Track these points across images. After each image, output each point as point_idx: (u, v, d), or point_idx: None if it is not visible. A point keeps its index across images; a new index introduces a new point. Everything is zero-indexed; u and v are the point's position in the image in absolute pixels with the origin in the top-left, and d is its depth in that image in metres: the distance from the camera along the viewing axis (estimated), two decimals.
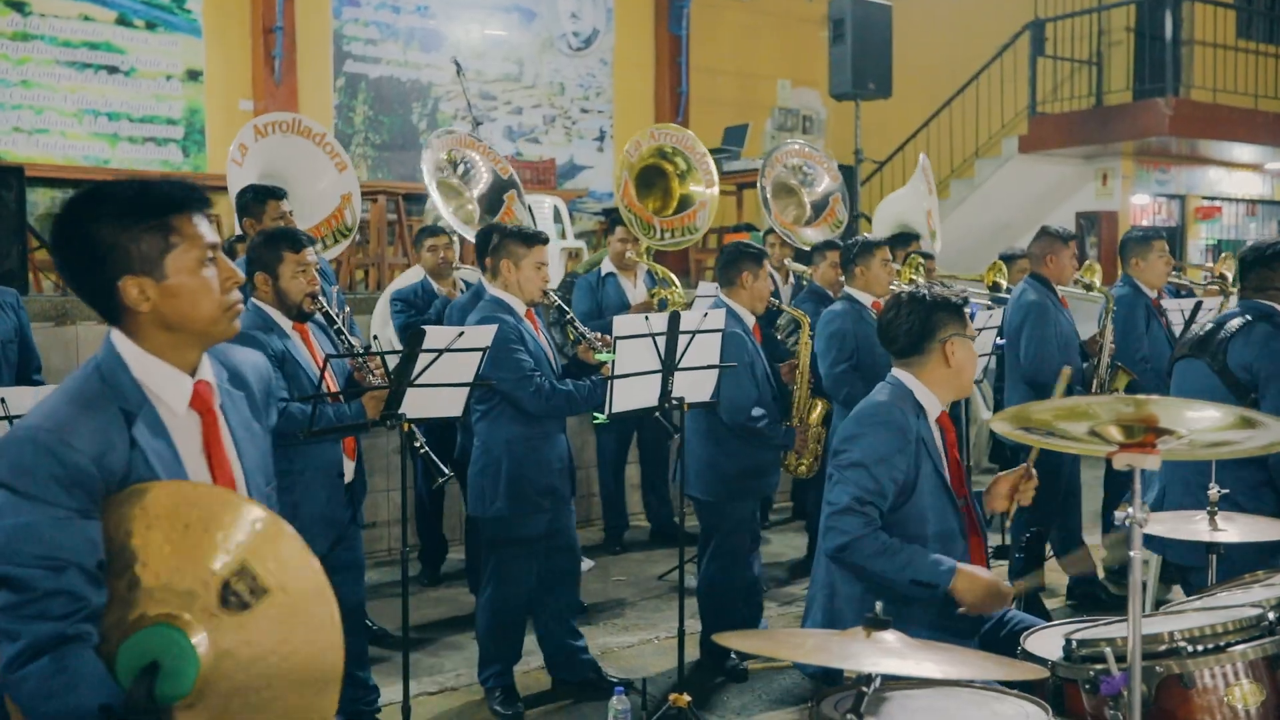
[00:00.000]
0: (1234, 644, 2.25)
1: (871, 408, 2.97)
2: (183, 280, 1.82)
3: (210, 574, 1.74)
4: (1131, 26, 11.63)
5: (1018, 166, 11.21)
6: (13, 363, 4.28)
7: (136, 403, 1.81)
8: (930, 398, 2.98)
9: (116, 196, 1.83)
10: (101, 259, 1.80)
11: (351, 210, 6.03)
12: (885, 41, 9.39)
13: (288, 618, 1.76)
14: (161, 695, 1.69)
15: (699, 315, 3.95)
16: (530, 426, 4.03)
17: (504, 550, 4.10)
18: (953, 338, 2.97)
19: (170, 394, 1.86)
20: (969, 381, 3.04)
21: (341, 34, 9.04)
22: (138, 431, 1.79)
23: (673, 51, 10.65)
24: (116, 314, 1.85)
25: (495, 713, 4.08)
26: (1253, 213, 13.17)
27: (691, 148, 6.46)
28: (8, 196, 5.67)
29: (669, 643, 4.56)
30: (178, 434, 1.86)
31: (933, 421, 2.98)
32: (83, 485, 1.71)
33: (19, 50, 7.57)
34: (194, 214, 1.85)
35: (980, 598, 2.77)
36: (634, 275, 6.10)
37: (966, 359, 3.00)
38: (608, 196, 10.09)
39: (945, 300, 3.01)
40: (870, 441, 2.88)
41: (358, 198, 6.12)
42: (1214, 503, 2.90)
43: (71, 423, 1.74)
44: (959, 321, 2.99)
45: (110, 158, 7.84)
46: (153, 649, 1.71)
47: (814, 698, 2.27)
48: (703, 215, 6.44)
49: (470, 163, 6.21)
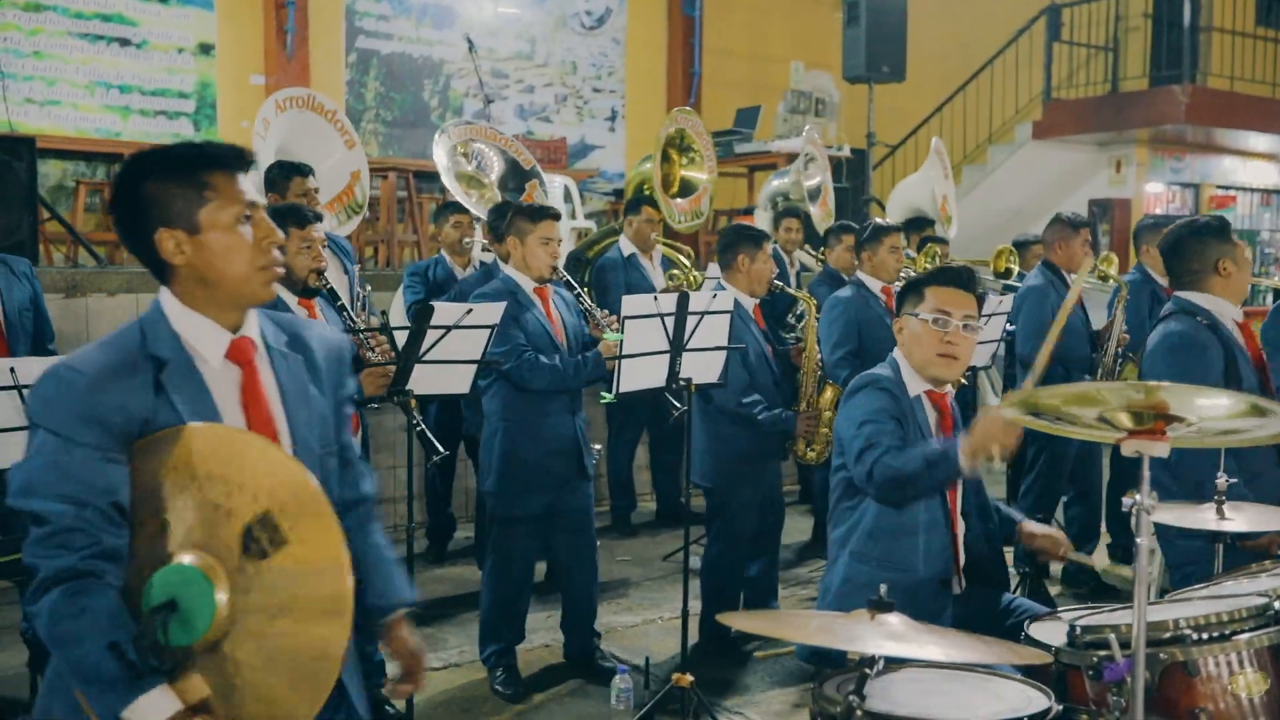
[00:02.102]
0: (1239, 632, 2.25)
1: (863, 377, 3.07)
2: (217, 235, 1.86)
3: (233, 517, 1.76)
4: (1149, 12, 11.54)
5: (1031, 152, 11.15)
6: (29, 331, 4.31)
7: (171, 352, 1.86)
8: (910, 374, 3.05)
9: (164, 154, 1.91)
10: (144, 212, 1.87)
11: (361, 187, 6.05)
12: (900, 24, 9.34)
13: (304, 573, 1.77)
14: (174, 636, 1.72)
15: (707, 296, 3.94)
16: (528, 404, 4.00)
17: (501, 527, 4.11)
18: (903, 315, 3.07)
19: (206, 346, 1.90)
20: (922, 362, 3.00)
21: (354, 9, 9.01)
22: (166, 378, 1.84)
23: (685, 32, 10.60)
24: (161, 269, 1.90)
25: (497, 692, 4.09)
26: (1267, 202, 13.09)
27: (700, 133, 6.52)
28: (19, 167, 5.67)
29: (673, 623, 4.57)
30: (214, 384, 1.89)
31: (918, 399, 3.03)
32: (101, 423, 1.76)
33: (31, 21, 7.56)
34: (234, 172, 1.90)
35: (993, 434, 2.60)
36: (651, 257, 6.11)
37: (910, 337, 3.03)
38: (618, 177, 10.06)
39: (909, 283, 3.12)
40: (862, 406, 2.97)
41: (366, 174, 6.14)
42: (1221, 492, 2.88)
43: (96, 363, 1.81)
44: (911, 299, 3.06)
45: (121, 130, 7.83)
46: (173, 587, 1.75)
47: (817, 679, 2.28)
48: (706, 200, 6.64)
49: (481, 154, 6.28)
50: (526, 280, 4.06)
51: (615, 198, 9.31)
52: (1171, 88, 10.43)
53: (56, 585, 1.71)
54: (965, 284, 3.04)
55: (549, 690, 4.17)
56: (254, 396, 1.92)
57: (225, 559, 1.76)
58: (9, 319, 4.26)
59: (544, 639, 4.49)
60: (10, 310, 4.27)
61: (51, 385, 1.78)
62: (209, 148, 1.92)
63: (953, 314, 2.98)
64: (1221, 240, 3.46)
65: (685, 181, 6.69)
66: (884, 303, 5.03)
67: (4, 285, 4.30)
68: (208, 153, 1.90)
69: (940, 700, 2.17)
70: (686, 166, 6.63)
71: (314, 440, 1.97)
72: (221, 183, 1.88)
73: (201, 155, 1.89)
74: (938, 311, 2.98)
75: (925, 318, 2.99)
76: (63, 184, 7.46)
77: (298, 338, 2.03)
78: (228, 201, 1.88)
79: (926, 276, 3.11)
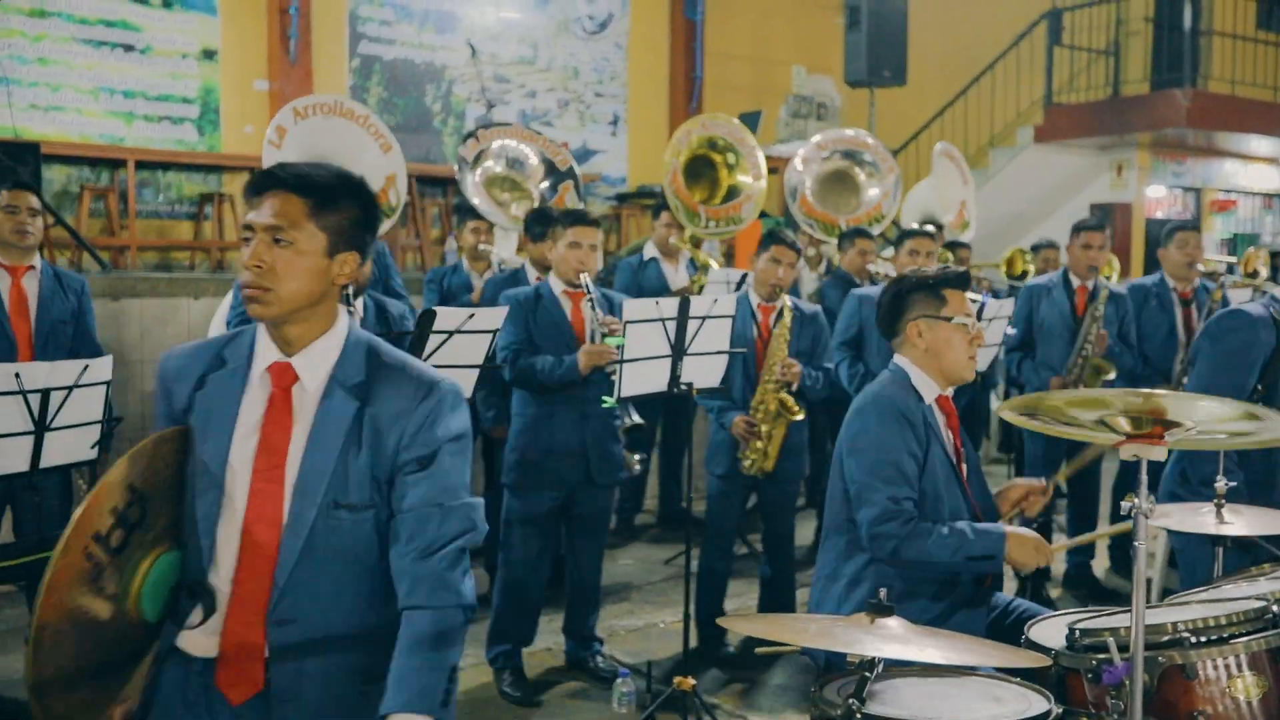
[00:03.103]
0: (1237, 636, 2.26)
1: (867, 398, 2.95)
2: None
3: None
4: (1150, 16, 11.55)
5: (1032, 156, 11.15)
6: (63, 346, 4.22)
7: (238, 357, 1.96)
8: (924, 380, 2.93)
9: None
10: None
11: (396, 191, 5.97)
12: (901, 29, 9.35)
13: None
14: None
15: (709, 300, 3.95)
16: (538, 406, 4.09)
17: (511, 529, 4.15)
18: (919, 319, 2.92)
19: (261, 357, 1.97)
20: (954, 365, 2.92)
21: (356, 15, 9.03)
22: (214, 376, 1.95)
23: (688, 36, 10.62)
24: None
25: (505, 694, 4.11)
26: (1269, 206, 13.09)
27: (742, 140, 6.48)
28: (23, 173, 5.70)
29: (675, 627, 4.58)
30: (250, 394, 1.94)
31: (932, 404, 2.95)
32: (165, 398, 1.99)
33: (36, 27, 7.58)
34: (250, 195, 1.95)
35: (1030, 555, 2.79)
36: (676, 261, 6.11)
37: (937, 341, 2.90)
38: (621, 181, 10.08)
39: (919, 281, 2.97)
40: (875, 432, 2.85)
41: (403, 178, 6.03)
42: (1221, 495, 2.89)
43: (182, 348, 2.02)
44: (930, 303, 2.92)
45: (125, 136, 7.86)
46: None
47: (817, 683, 2.29)
48: (748, 207, 6.50)
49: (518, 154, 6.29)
50: (557, 283, 4.13)
51: (618, 202, 9.33)
52: (1172, 91, 10.43)
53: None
54: (969, 287, 3.03)
55: (551, 692, 4.18)
56: (273, 423, 1.93)
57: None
58: (39, 330, 4.18)
59: (546, 643, 4.50)
60: (43, 322, 4.19)
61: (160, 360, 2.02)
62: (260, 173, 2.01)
63: (971, 314, 2.95)
64: None
65: (733, 188, 6.60)
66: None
67: (46, 296, 4.21)
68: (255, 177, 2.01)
69: (939, 703, 2.18)
70: (734, 171, 6.56)
71: (321, 487, 1.89)
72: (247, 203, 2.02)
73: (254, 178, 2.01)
74: (965, 314, 2.91)
75: (961, 321, 2.90)
76: (67, 189, 7.47)
77: (367, 388, 1.94)
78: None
79: (941, 279, 2.96)
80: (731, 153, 6.47)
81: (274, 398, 1.93)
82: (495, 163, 6.23)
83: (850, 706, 2.03)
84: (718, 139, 6.44)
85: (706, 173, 6.50)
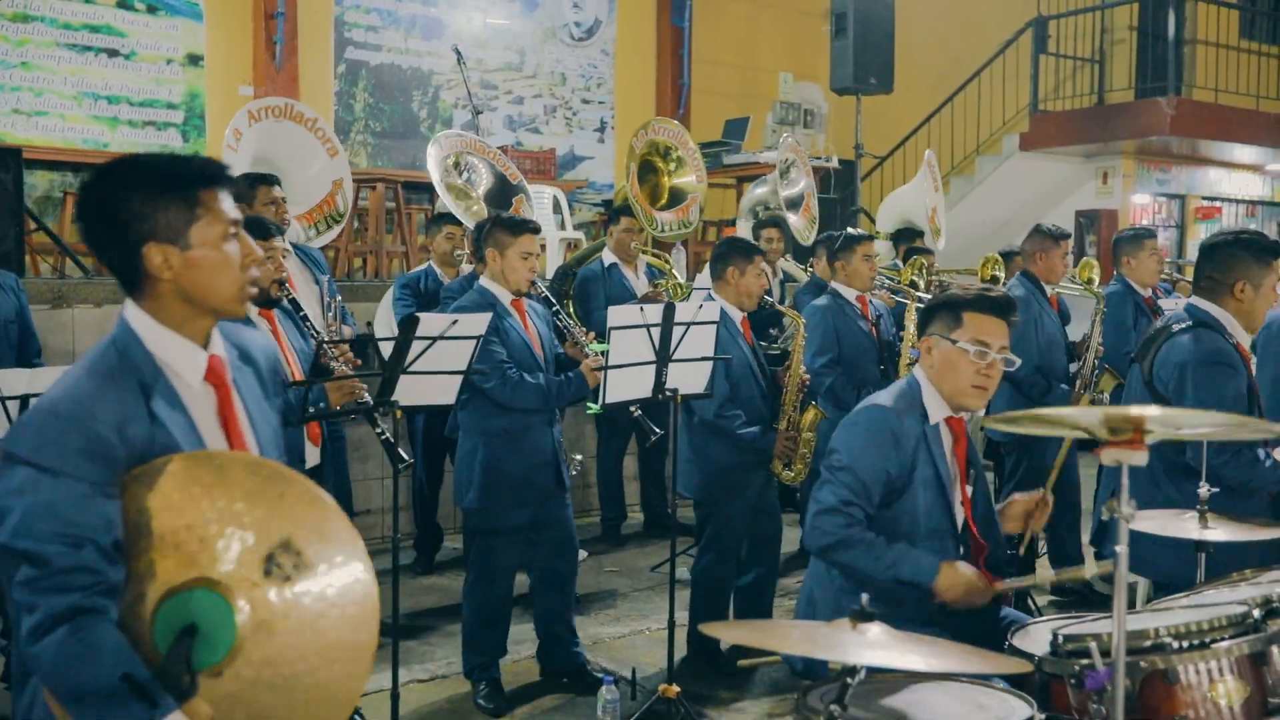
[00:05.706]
0: (1219, 640, 2.26)
1: (863, 410, 2.95)
2: (206, 252, 1.85)
3: (254, 542, 1.75)
4: (1134, 25, 11.61)
5: (1018, 164, 11.20)
6: (14, 344, 4.31)
7: (151, 376, 1.84)
8: (934, 398, 2.92)
9: (148, 166, 1.88)
10: (126, 225, 1.84)
11: (343, 196, 6.04)
12: (887, 36, 9.38)
13: (327, 594, 1.76)
14: (196, 660, 1.71)
15: (694, 307, 3.94)
16: (510, 418, 3.98)
17: (483, 541, 4.08)
18: (933, 335, 2.92)
19: (185, 367, 1.88)
20: (953, 390, 2.88)
21: (343, 20, 9.02)
22: (156, 405, 1.82)
23: (674, 43, 10.64)
24: (137, 283, 1.87)
25: (480, 706, 4.07)
26: (1252, 214, 13.16)
27: (684, 142, 6.53)
28: (5, 178, 5.65)
29: (660, 634, 4.56)
30: (194, 407, 1.88)
31: (937, 422, 2.92)
32: (105, 457, 1.73)
33: (19, 32, 7.55)
34: (220, 189, 1.89)
35: (961, 594, 2.77)
36: (635, 266, 6.11)
37: (942, 362, 2.88)
38: (608, 188, 10.08)
39: (947, 298, 2.95)
40: (859, 445, 2.87)
41: (349, 183, 6.11)
42: (1204, 501, 2.90)
43: (93, 395, 1.76)
44: (945, 322, 2.90)
45: (110, 141, 7.82)
46: (192, 612, 1.73)
47: (802, 690, 2.28)
48: (694, 209, 6.61)
49: (472, 167, 6.29)
50: (504, 292, 4.04)
51: (604, 208, 9.33)
52: (1157, 100, 10.49)
53: (59, 626, 1.67)
54: (1005, 313, 2.90)
55: (534, 702, 4.16)
56: (231, 418, 1.93)
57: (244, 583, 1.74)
58: None
59: (529, 650, 4.48)
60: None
61: (52, 424, 1.72)
62: (195, 162, 1.90)
63: (991, 345, 2.84)
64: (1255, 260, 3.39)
65: (675, 190, 6.70)
66: (860, 310, 5.13)
67: None
68: (195, 167, 1.89)
69: (922, 709, 2.18)
70: (675, 175, 6.64)
71: (274, 453, 1.98)
72: (210, 199, 1.87)
73: (190, 170, 1.88)
74: (978, 343, 2.83)
75: (965, 347, 2.84)
76: (50, 195, 7.45)
77: (245, 351, 2.04)
78: (215, 219, 1.87)
79: (965, 300, 2.91)
80: (674, 153, 6.55)
81: (221, 395, 1.94)
82: (454, 173, 6.25)
83: (831, 712, 2.02)
84: (660, 142, 6.52)
85: (649, 177, 6.57)
